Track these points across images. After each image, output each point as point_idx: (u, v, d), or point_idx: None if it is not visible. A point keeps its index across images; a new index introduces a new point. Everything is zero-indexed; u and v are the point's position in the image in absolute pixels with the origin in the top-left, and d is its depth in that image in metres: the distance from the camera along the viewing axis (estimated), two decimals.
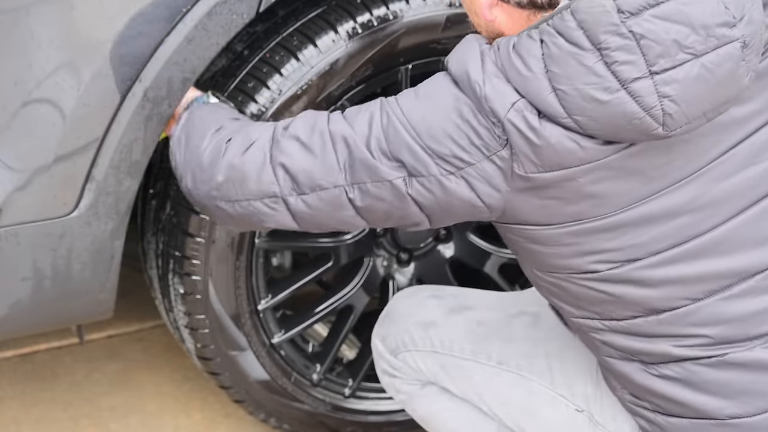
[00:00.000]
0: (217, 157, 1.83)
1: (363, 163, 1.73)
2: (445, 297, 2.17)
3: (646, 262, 1.74)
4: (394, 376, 2.16)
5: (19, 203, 1.96)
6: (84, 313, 2.18)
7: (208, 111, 1.98)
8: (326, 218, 1.80)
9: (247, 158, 1.80)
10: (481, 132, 1.67)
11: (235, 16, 1.99)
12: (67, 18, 1.89)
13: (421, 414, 2.18)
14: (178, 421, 2.63)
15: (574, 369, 2.00)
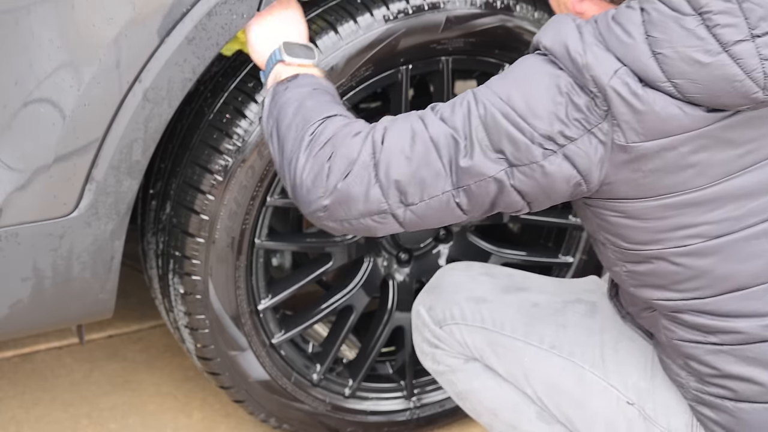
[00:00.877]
0: (320, 179, 1.78)
1: (465, 166, 1.73)
2: (499, 276, 2.15)
3: (739, 236, 1.75)
4: (436, 346, 2.12)
5: (19, 203, 1.96)
6: (84, 313, 2.18)
7: (295, 102, 1.86)
8: (434, 221, 1.81)
9: (351, 181, 1.76)
10: (581, 105, 1.68)
11: (235, 16, 1.99)
12: (67, 18, 1.89)
13: (459, 388, 2.15)
14: (178, 421, 2.63)
15: (628, 361, 1.98)
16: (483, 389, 2.11)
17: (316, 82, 1.90)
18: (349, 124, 1.81)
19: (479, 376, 2.11)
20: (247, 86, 2.12)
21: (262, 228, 2.23)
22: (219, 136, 2.13)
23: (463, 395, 2.15)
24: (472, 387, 2.12)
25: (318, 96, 1.87)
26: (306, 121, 1.82)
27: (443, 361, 2.13)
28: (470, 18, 2.17)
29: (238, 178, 2.13)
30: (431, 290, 2.16)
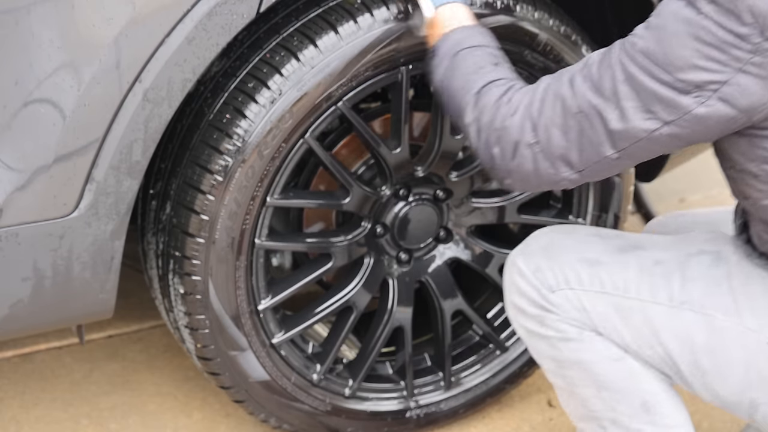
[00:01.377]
0: (494, 162, 1.91)
1: (620, 130, 1.79)
2: (609, 237, 2.10)
3: None
4: (548, 311, 2.05)
5: (19, 203, 1.96)
6: (84, 313, 2.18)
7: (460, 69, 1.98)
8: (605, 176, 1.90)
9: (520, 161, 1.88)
10: (725, 47, 1.69)
11: (235, 16, 1.99)
12: (67, 18, 1.89)
13: (565, 356, 2.08)
14: (178, 421, 2.63)
15: (762, 303, 1.95)
16: (594, 362, 2.06)
17: (469, 36, 1.99)
18: (506, 100, 1.88)
19: (594, 348, 2.05)
20: (247, 86, 2.12)
21: (262, 228, 2.23)
22: (219, 136, 2.13)
23: (567, 364, 2.09)
24: (582, 358, 2.06)
25: (474, 57, 1.97)
26: (467, 91, 1.94)
27: (554, 326, 2.07)
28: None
29: (238, 178, 2.13)
30: (535, 251, 2.10)
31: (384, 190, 2.34)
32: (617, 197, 2.53)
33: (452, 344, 2.57)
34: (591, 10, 2.54)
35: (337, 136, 2.38)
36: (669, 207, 3.52)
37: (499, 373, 2.60)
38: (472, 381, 2.59)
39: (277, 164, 2.16)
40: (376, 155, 2.30)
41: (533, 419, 2.68)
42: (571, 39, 2.32)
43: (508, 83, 1.93)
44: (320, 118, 2.17)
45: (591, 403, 2.11)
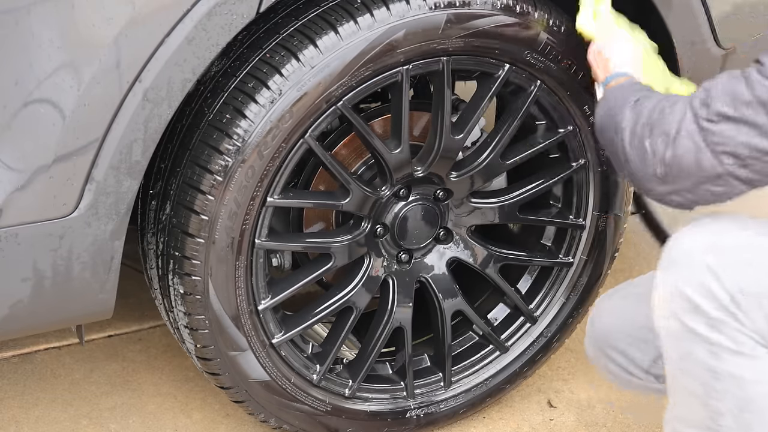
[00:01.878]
0: (646, 155, 1.86)
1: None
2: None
3: None
4: (734, 317, 1.84)
5: (19, 203, 1.96)
6: (84, 313, 2.18)
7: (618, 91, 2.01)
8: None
9: (678, 152, 1.82)
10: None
11: (235, 16, 1.99)
12: (67, 18, 1.89)
13: (725, 368, 1.87)
14: (178, 421, 2.63)
15: None
16: (754, 383, 1.86)
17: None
18: (669, 102, 1.86)
19: (762, 368, 1.86)
20: (247, 86, 2.12)
21: (262, 228, 2.23)
22: (219, 136, 2.13)
23: (722, 376, 1.88)
24: (743, 375, 1.86)
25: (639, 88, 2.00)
26: (625, 101, 1.95)
27: (731, 335, 1.86)
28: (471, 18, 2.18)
29: (238, 178, 2.13)
30: (729, 248, 1.88)
31: (384, 191, 2.34)
32: (618, 198, 2.53)
33: (452, 344, 2.57)
34: None
35: (337, 136, 2.38)
36: (669, 207, 3.52)
37: (499, 373, 2.60)
38: (472, 381, 2.58)
39: (277, 164, 2.16)
40: (375, 155, 2.30)
41: (533, 419, 2.68)
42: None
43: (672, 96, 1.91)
44: (320, 118, 2.16)
45: (723, 419, 1.91)
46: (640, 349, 2.14)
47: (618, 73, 2.11)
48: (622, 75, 2.10)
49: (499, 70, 2.30)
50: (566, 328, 2.62)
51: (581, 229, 2.55)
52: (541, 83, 2.34)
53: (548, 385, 2.78)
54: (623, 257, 3.19)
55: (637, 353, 2.15)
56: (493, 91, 2.31)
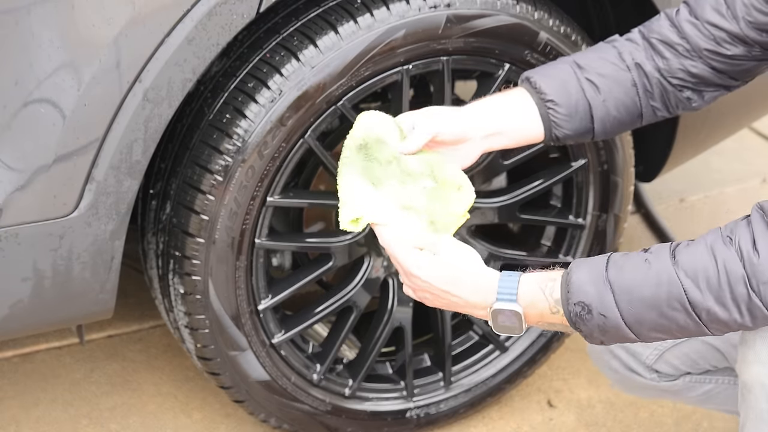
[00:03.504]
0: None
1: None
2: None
3: None
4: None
5: (19, 203, 1.96)
6: (84, 313, 2.18)
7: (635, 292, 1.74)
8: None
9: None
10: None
11: (235, 16, 1.99)
12: (67, 18, 1.89)
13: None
14: (178, 421, 2.63)
15: None
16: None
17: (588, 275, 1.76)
18: (723, 248, 1.70)
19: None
20: (247, 86, 2.12)
21: (262, 228, 2.23)
22: (219, 136, 2.13)
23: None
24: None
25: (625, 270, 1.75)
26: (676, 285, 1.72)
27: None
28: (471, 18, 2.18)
29: (238, 178, 2.13)
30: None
31: None
32: (618, 197, 2.53)
33: (452, 344, 2.57)
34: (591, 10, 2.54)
35: (337, 136, 2.38)
36: (669, 207, 3.53)
37: (499, 373, 2.60)
38: (472, 381, 2.58)
39: (277, 164, 2.16)
40: None
41: (533, 419, 2.68)
42: (570, 39, 2.32)
43: (684, 242, 1.75)
44: (320, 118, 2.17)
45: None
46: (643, 345, 2.14)
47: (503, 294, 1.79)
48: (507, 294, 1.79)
49: (499, 70, 2.30)
50: None
51: (581, 229, 2.55)
52: None
53: (548, 385, 2.78)
54: None
55: (639, 348, 2.15)
56: (493, 91, 2.31)
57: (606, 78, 2.02)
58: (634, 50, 2.03)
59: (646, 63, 2.02)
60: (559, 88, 2.00)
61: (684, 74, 2.01)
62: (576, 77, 2.02)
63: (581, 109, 2.02)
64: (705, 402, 2.25)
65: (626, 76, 2.02)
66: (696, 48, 1.99)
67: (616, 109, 2.03)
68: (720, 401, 2.23)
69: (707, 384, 2.20)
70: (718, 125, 2.74)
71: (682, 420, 2.67)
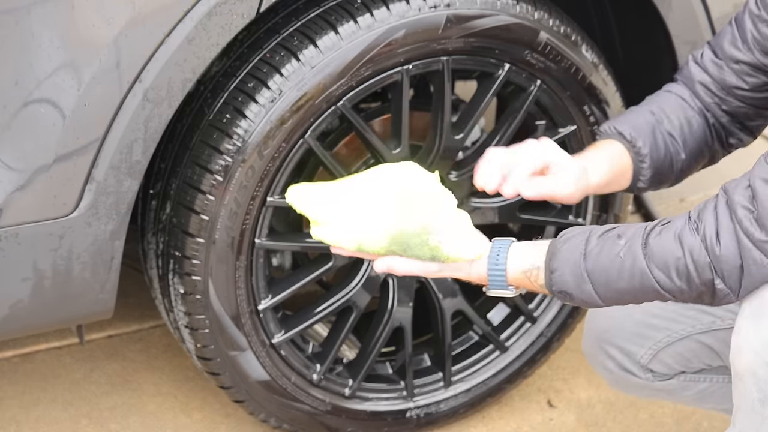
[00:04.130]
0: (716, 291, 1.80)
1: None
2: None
3: None
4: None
5: (19, 203, 1.96)
6: (84, 313, 2.18)
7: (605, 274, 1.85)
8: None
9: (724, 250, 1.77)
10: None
11: (235, 16, 1.99)
12: (67, 18, 1.89)
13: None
14: (178, 421, 2.63)
15: None
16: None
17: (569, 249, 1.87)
18: (687, 231, 1.80)
19: None
20: (247, 86, 2.12)
21: (262, 228, 2.23)
22: (219, 136, 2.13)
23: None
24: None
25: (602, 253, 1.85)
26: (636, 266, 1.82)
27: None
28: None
29: (239, 178, 2.13)
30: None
31: None
32: (618, 197, 2.53)
33: (452, 344, 2.57)
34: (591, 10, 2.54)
35: (337, 136, 2.38)
36: (669, 207, 3.52)
37: (499, 373, 2.60)
38: (472, 381, 2.58)
39: (277, 164, 2.16)
40: (375, 155, 2.30)
41: (533, 419, 2.68)
42: (570, 39, 2.32)
43: (658, 224, 1.84)
44: (320, 118, 2.17)
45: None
46: (637, 344, 2.15)
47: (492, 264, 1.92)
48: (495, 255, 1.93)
49: (499, 70, 2.30)
50: (566, 327, 2.62)
51: None
52: (541, 83, 2.34)
53: (548, 385, 2.78)
54: None
55: (633, 347, 2.16)
56: (493, 91, 2.32)
57: (681, 129, 2.11)
58: (689, 97, 2.12)
59: (705, 110, 2.11)
60: (651, 143, 2.08)
61: (723, 113, 2.10)
62: (661, 132, 2.10)
63: (666, 165, 2.11)
64: (701, 401, 2.26)
65: (698, 122, 2.12)
66: (725, 85, 2.07)
67: (691, 159, 2.14)
68: (716, 400, 2.23)
69: (702, 383, 2.20)
70: None
71: (682, 420, 2.67)
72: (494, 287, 1.94)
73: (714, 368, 2.17)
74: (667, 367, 2.18)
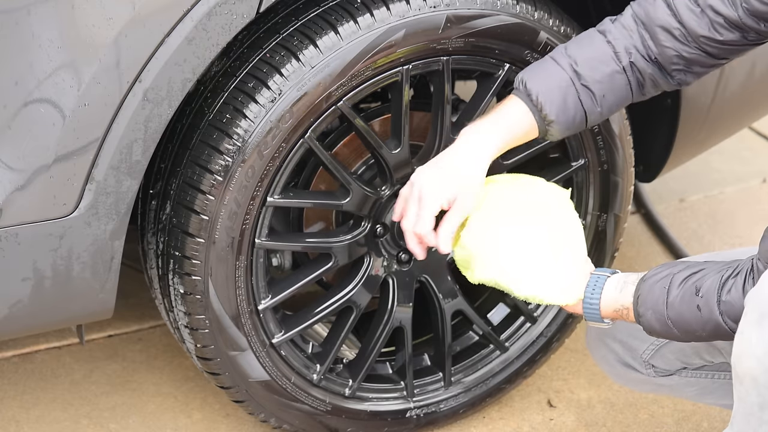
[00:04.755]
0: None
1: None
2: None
3: None
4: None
5: (19, 203, 1.96)
6: (84, 313, 2.18)
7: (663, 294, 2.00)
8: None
9: None
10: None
11: (235, 16, 1.99)
12: (67, 18, 1.89)
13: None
14: (178, 421, 2.63)
15: None
16: None
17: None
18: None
19: None
20: (247, 86, 2.12)
21: (263, 228, 2.23)
22: (219, 136, 2.13)
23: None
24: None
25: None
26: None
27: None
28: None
29: (239, 178, 2.13)
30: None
31: (384, 190, 2.34)
32: (618, 197, 2.53)
33: (452, 344, 2.57)
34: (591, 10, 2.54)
35: (337, 136, 2.38)
36: (669, 207, 3.53)
37: (499, 372, 2.60)
38: (472, 381, 2.58)
39: (277, 164, 2.16)
40: (376, 155, 2.30)
41: (533, 419, 2.68)
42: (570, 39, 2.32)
43: (730, 276, 1.93)
44: (320, 117, 2.17)
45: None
46: (639, 339, 2.16)
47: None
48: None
49: (499, 70, 2.30)
50: (566, 327, 2.62)
51: None
52: None
53: (548, 385, 2.78)
54: (623, 257, 3.19)
55: (636, 342, 2.16)
56: (493, 91, 2.32)
57: (602, 84, 2.08)
58: (628, 43, 2.07)
59: (639, 60, 2.07)
60: (560, 106, 2.07)
61: (678, 59, 2.06)
62: (574, 88, 2.07)
63: (578, 119, 2.10)
64: (702, 397, 2.26)
65: (621, 80, 2.08)
66: (693, 34, 2.03)
67: (609, 110, 2.12)
68: (717, 396, 2.24)
69: (703, 379, 2.21)
70: (718, 125, 2.74)
71: (682, 420, 2.67)
72: (589, 319, 2.10)
73: (715, 365, 2.18)
74: (668, 363, 2.19)
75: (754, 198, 3.58)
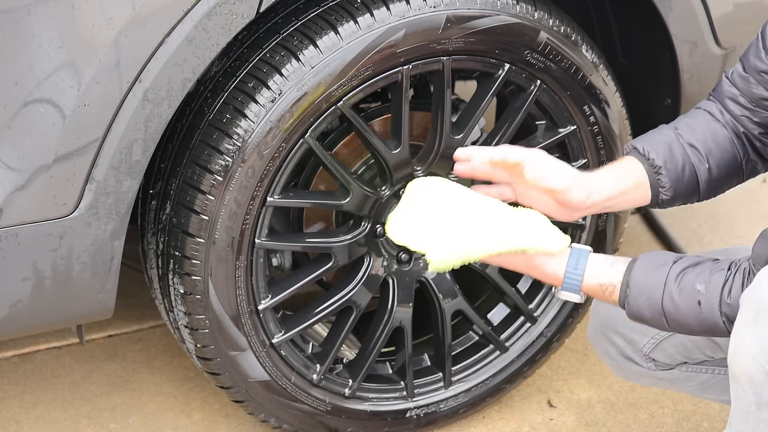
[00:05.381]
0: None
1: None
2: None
3: None
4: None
5: (19, 203, 1.97)
6: (84, 313, 2.18)
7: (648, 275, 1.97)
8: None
9: None
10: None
11: (235, 16, 1.99)
12: (67, 18, 1.89)
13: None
14: (178, 421, 2.63)
15: None
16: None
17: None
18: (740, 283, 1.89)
19: None
20: (247, 86, 2.12)
21: (262, 228, 2.23)
22: (219, 136, 2.13)
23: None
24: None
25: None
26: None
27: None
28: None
29: (239, 178, 2.13)
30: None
31: (384, 190, 2.34)
32: None
33: (452, 344, 2.57)
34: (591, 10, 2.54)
35: (337, 136, 2.38)
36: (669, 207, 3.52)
37: (499, 372, 2.60)
38: (472, 381, 2.58)
39: (277, 164, 2.16)
40: (376, 155, 2.30)
41: (533, 419, 2.68)
42: (570, 39, 2.32)
43: (731, 276, 1.92)
44: (320, 118, 2.17)
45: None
46: (640, 333, 2.17)
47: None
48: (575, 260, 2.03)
49: (499, 70, 2.30)
50: (566, 327, 2.62)
51: (581, 229, 2.54)
52: (541, 83, 2.34)
53: (548, 385, 2.78)
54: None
55: (637, 336, 2.17)
56: (493, 91, 2.32)
57: (706, 140, 2.12)
58: (717, 112, 2.14)
59: (735, 122, 2.12)
60: (667, 155, 2.10)
61: (753, 125, 2.11)
62: (680, 143, 2.11)
63: (687, 175, 2.12)
64: (702, 392, 2.27)
65: (724, 134, 2.13)
66: (753, 98, 2.08)
67: (718, 170, 2.15)
68: (717, 391, 2.24)
69: (703, 374, 2.22)
70: None
71: (682, 420, 2.67)
72: (566, 289, 2.01)
73: (716, 360, 2.18)
74: (669, 357, 2.19)
75: (753, 198, 3.58)
